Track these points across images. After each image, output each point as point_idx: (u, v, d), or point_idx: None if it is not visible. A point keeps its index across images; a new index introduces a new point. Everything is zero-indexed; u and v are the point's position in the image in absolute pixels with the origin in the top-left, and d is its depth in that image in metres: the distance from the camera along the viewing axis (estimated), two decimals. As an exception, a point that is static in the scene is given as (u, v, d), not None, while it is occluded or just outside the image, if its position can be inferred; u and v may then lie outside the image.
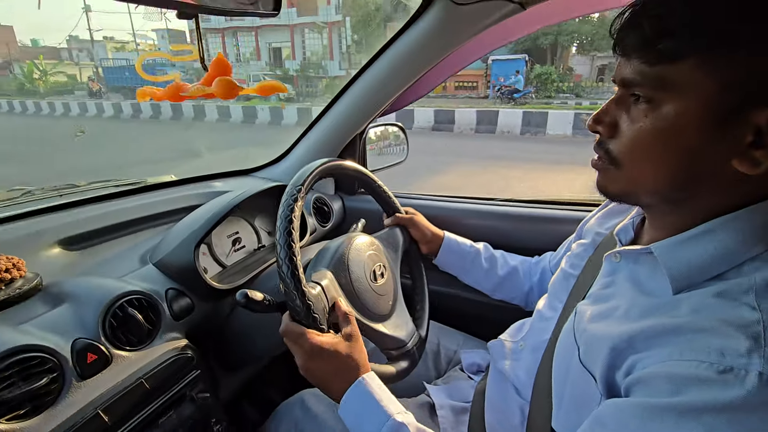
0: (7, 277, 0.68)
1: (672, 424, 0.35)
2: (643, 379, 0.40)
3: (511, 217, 1.09)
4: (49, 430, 0.52)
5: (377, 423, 0.54)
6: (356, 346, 0.62)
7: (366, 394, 0.57)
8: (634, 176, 0.47)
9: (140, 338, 0.66)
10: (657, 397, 0.37)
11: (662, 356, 0.39)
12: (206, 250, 0.88)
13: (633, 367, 0.42)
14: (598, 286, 0.57)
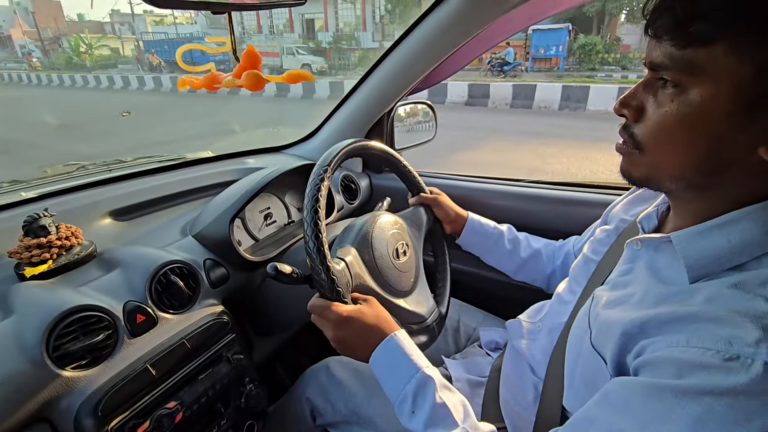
0: (67, 244, 0.76)
1: (671, 403, 0.37)
2: (650, 361, 0.41)
3: (538, 199, 1.08)
4: (106, 379, 0.59)
5: (407, 375, 0.57)
6: (380, 311, 0.65)
7: (397, 348, 0.60)
8: (657, 161, 0.47)
9: (182, 303, 0.73)
10: (660, 378, 0.39)
11: (670, 342, 0.40)
12: (240, 224, 0.94)
13: (643, 350, 0.43)
14: (617, 272, 0.57)
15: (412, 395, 0.55)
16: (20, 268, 0.71)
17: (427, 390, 0.55)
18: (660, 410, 0.38)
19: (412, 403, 0.55)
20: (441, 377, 0.58)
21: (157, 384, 0.64)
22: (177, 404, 0.64)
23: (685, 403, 0.36)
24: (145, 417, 0.61)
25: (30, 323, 0.58)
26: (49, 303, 0.61)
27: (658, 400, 0.38)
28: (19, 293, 0.64)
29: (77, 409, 0.57)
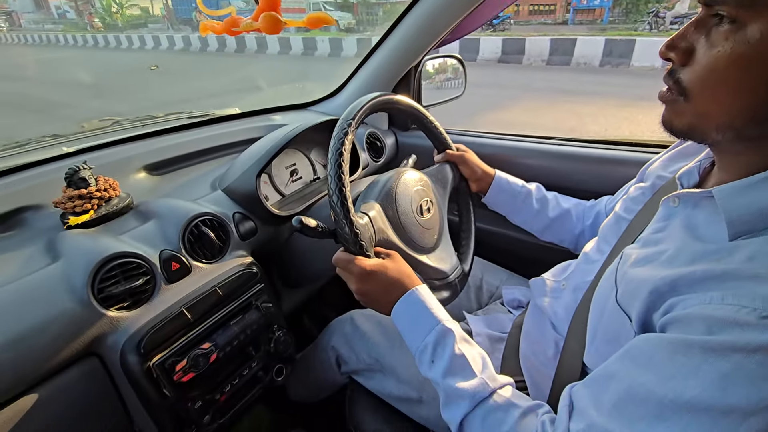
0: (106, 196, 0.80)
1: (698, 359, 0.36)
2: (678, 318, 0.40)
3: (570, 157, 1.03)
4: (146, 320, 0.64)
5: (428, 327, 0.58)
6: (403, 266, 0.66)
7: (418, 302, 0.61)
8: (704, 109, 0.43)
9: (213, 253, 0.77)
10: (689, 334, 0.38)
11: (703, 299, 0.39)
12: (267, 180, 0.96)
13: (672, 308, 0.42)
14: (650, 230, 0.55)
15: (432, 346, 0.57)
16: (65, 217, 0.76)
17: (447, 341, 0.56)
18: (685, 365, 0.37)
19: (432, 354, 0.56)
20: (461, 330, 0.59)
21: (192, 327, 0.68)
22: (211, 345, 0.69)
23: (713, 360, 0.35)
24: (182, 356, 0.65)
25: (76, 267, 0.62)
26: (92, 249, 0.65)
27: (684, 356, 0.37)
28: (65, 240, 0.69)
29: (122, 345, 0.62)
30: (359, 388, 0.87)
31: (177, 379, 0.64)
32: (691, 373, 0.36)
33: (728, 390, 0.34)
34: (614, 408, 0.41)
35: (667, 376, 0.38)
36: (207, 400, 0.70)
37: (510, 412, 0.49)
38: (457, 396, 0.52)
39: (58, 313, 0.58)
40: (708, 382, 0.35)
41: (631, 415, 0.39)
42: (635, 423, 0.38)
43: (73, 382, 0.60)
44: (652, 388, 0.38)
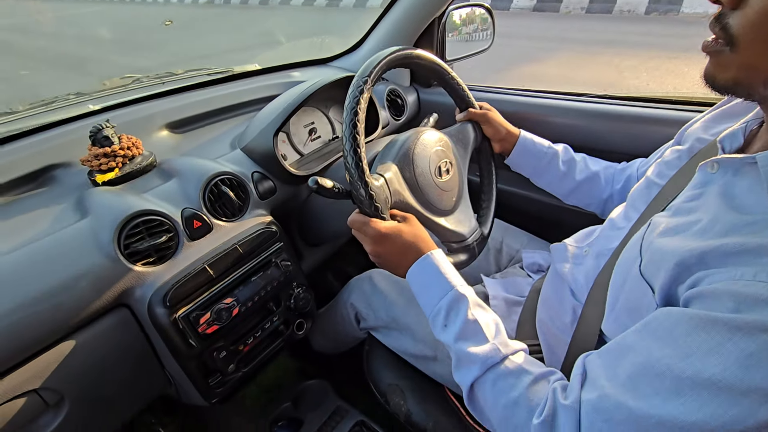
0: (130, 154, 0.81)
1: (722, 337, 0.35)
2: (704, 293, 0.38)
3: (602, 115, 0.97)
4: (171, 275, 0.67)
5: (442, 291, 0.58)
6: (418, 229, 0.65)
7: (432, 266, 0.61)
8: (752, 60, 0.39)
9: (233, 212, 0.78)
10: (713, 310, 0.36)
11: (734, 275, 0.37)
12: (285, 138, 0.95)
13: (698, 281, 0.40)
14: (683, 198, 0.52)
15: (445, 310, 0.57)
16: (92, 175, 0.78)
17: (460, 307, 0.56)
18: (707, 342, 0.35)
19: (445, 318, 0.57)
20: (475, 296, 0.59)
21: (214, 282, 0.71)
22: (233, 300, 0.72)
23: (738, 339, 0.34)
24: (206, 309, 0.68)
25: (103, 224, 0.65)
26: (118, 206, 0.67)
27: (707, 333, 0.36)
28: (92, 197, 0.72)
29: (149, 298, 0.65)
30: (376, 343, 0.90)
31: (202, 331, 0.68)
32: (713, 350, 0.35)
33: (751, 370, 0.33)
34: (629, 380, 0.40)
35: (687, 352, 0.36)
36: (231, 350, 0.74)
37: (521, 377, 0.49)
38: (469, 360, 0.52)
39: (88, 267, 0.61)
40: (731, 361, 0.34)
41: (646, 388, 0.38)
42: (650, 397, 0.38)
43: (107, 330, 0.65)
44: (670, 363, 0.37)
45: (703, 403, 0.34)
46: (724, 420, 0.34)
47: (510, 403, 0.48)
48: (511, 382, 0.49)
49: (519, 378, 0.50)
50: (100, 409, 0.68)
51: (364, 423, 0.94)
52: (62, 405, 0.62)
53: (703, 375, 0.35)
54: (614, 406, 0.40)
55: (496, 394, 0.50)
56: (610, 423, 0.40)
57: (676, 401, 0.36)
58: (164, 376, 0.74)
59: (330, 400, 1.02)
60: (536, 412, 0.46)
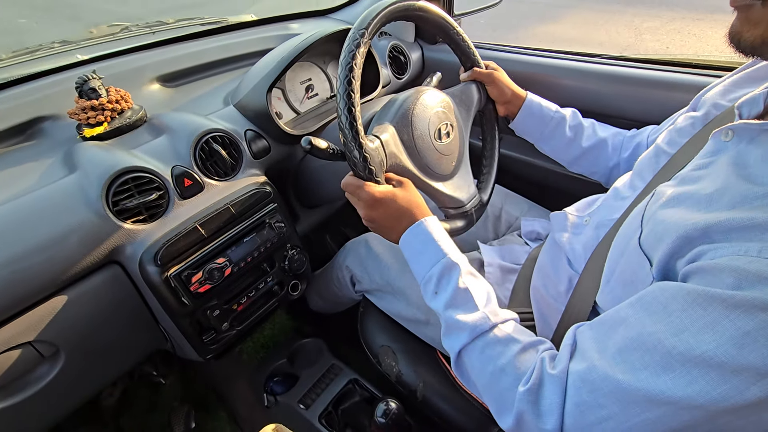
0: (118, 108, 0.79)
1: (718, 314, 0.34)
2: (704, 268, 0.37)
3: (615, 78, 0.92)
4: (161, 234, 0.66)
5: (434, 259, 0.57)
6: (413, 195, 0.64)
7: (425, 233, 0.60)
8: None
9: (225, 171, 0.76)
10: (712, 286, 0.35)
11: (737, 250, 0.35)
12: (281, 95, 0.91)
13: (699, 256, 0.38)
14: (691, 167, 0.49)
15: (437, 278, 0.56)
16: (80, 129, 0.76)
17: (452, 275, 0.55)
18: (702, 318, 0.34)
19: (436, 285, 0.56)
20: (468, 265, 0.58)
21: (206, 242, 0.70)
22: (225, 260, 0.71)
23: (735, 316, 0.33)
24: (197, 269, 0.68)
25: (91, 180, 0.64)
26: (106, 162, 0.66)
27: (703, 309, 0.35)
28: (80, 152, 0.70)
29: (140, 256, 0.65)
30: (371, 306, 0.90)
31: (194, 290, 0.68)
32: (707, 327, 0.34)
33: (746, 348, 0.32)
34: (618, 353, 0.39)
35: (681, 327, 0.36)
36: (225, 309, 0.75)
37: (509, 346, 0.49)
38: (458, 327, 0.52)
39: (77, 223, 0.60)
40: (725, 339, 0.33)
41: (635, 362, 0.38)
42: (638, 371, 0.37)
43: (100, 286, 0.65)
44: (662, 338, 0.36)
45: (692, 379, 0.34)
46: (711, 396, 0.33)
47: (497, 370, 0.48)
48: (498, 350, 0.49)
49: (507, 346, 0.49)
50: (97, 362, 0.69)
51: (357, 381, 0.97)
52: (58, 357, 0.63)
53: (695, 351, 0.34)
54: (601, 378, 0.39)
55: (484, 362, 0.50)
56: (595, 394, 0.40)
57: (665, 376, 0.35)
58: (160, 332, 0.76)
59: (325, 359, 1.05)
60: (522, 379, 0.46)
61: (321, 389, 0.96)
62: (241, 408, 1.11)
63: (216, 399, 1.16)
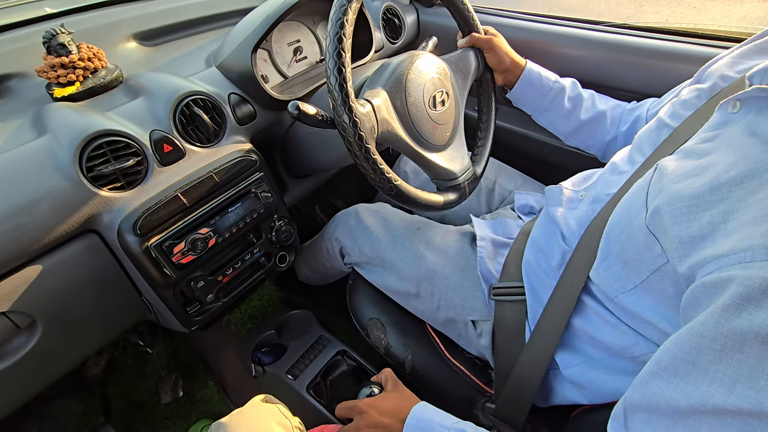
0: (91, 66, 0.73)
1: (759, 353, 0.29)
2: (712, 282, 0.33)
3: (617, 47, 0.88)
4: (141, 202, 0.63)
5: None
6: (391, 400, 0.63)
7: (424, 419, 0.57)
8: None
9: (208, 137, 0.72)
10: (727, 303, 0.31)
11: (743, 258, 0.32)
12: (267, 57, 0.86)
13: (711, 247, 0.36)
14: (695, 140, 0.47)
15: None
16: (50, 88, 0.71)
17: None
18: (745, 364, 0.30)
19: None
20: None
21: (189, 211, 0.67)
22: (209, 231, 0.69)
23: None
24: (180, 239, 0.65)
25: (62, 143, 0.59)
26: (78, 125, 0.61)
27: (740, 353, 0.30)
28: (50, 113, 0.65)
29: (119, 225, 0.61)
30: (360, 278, 0.89)
31: (176, 260, 0.65)
32: (758, 370, 0.29)
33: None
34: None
35: (730, 381, 0.30)
36: (209, 280, 0.72)
37: None
38: None
39: (47, 189, 0.57)
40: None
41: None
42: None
43: (76, 256, 0.62)
44: (718, 403, 0.31)
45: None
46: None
47: None
48: None
49: None
50: (77, 333, 0.67)
51: (346, 353, 0.97)
52: (35, 328, 0.61)
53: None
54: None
55: None
56: None
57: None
58: (142, 303, 0.74)
59: (313, 330, 1.04)
60: None
61: (309, 360, 0.96)
62: (229, 377, 1.12)
63: (204, 368, 1.16)
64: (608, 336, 0.55)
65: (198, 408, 1.09)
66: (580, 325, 0.58)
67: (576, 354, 0.60)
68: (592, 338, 0.57)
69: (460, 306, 0.74)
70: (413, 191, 0.66)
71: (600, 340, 0.56)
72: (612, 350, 0.56)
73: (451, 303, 0.75)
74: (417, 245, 0.80)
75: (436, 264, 0.78)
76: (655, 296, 0.45)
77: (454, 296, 0.75)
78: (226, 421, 0.51)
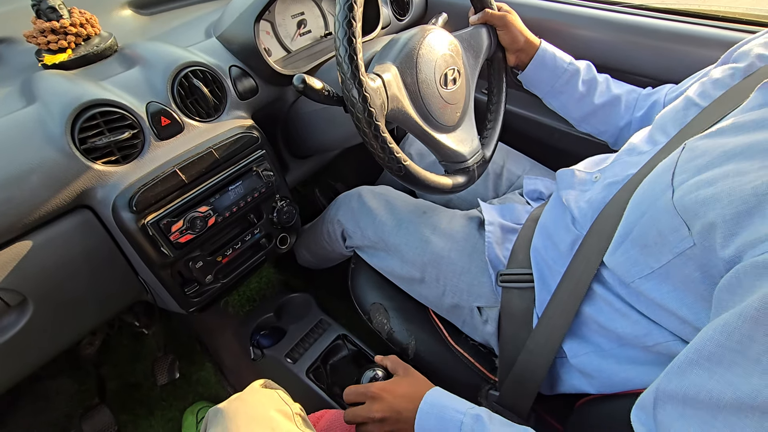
0: (83, 33, 0.69)
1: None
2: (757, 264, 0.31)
3: (635, 30, 0.84)
4: (137, 177, 0.60)
5: None
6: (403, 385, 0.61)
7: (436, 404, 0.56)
8: None
9: (208, 111, 0.69)
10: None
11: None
12: (269, 29, 0.82)
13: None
14: (733, 119, 0.44)
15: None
16: (40, 55, 0.67)
17: None
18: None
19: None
20: (487, 416, 0.53)
21: (187, 189, 0.64)
22: (209, 209, 0.66)
23: None
24: (178, 217, 0.63)
25: (52, 113, 0.56)
26: (70, 93, 0.58)
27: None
28: (40, 81, 0.61)
29: (114, 201, 0.59)
30: (362, 262, 0.87)
31: (174, 239, 0.63)
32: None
33: None
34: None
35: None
36: (208, 261, 0.70)
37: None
38: None
39: (38, 161, 0.54)
40: None
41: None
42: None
43: (69, 232, 0.59)
44: None
45: None
46: None
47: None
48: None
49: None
50: (70, 312, 0.65)
51: (346, 337, 0.96)
52: (26, 306, 0.58)
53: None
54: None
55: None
56: None
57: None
58: (139, 283, 0.71)
59: (313, 313, 1.02)
60: None
61: (309, 344, 0.95)
62: (227, 359, 1.10)
63: (201, 350, 1.14)
64: (619, 325, 0.53)
65: (195, 390, 1.08)
66: (590, 313, 0.57)
67: (585, 343, 0.59)
68: (602, 327, 0.55)
69: (466, 292, 0.72)
70: (422, 173, 0.63)
71: (610, 329, 0.54)
72: (623, 339, 0.54)
73: (457, 289, 0.73)
74: (423, 229, 0.78)
75: (442, 249, 0.75)
76: (675, 282, 0.43)
77: (460, 282, 0.73)
78: (223, 407, 0.49)
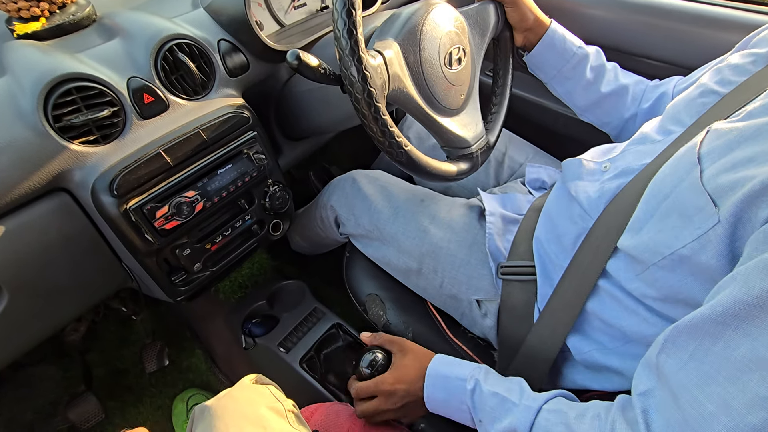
0: (59, 1, 0.64)
1: None
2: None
3: (649, 10, 0.80)
4: (118, 159, 0.56)
5: (459, 406, 0.54)
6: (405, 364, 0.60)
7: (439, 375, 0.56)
8: None
9: (194, 88, 0.64)
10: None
11: None
12: (262, 2, 0.77)
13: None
14: (761, 102, 0.41)
15: (471, 410, 0.52)
16: (11, 23, 0.62)
17: (480, 400, 0.52)
18: None
19: (474, 416, 0.52)
20: (483, 375, 0.54)
21: (172, 172, 0.60)
22: (196, 194, 0.62)
23: None
24: (163, 202, 0.59)
25: (24, 86, 0.51)
26: (42, 66, 0.53)
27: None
28: (10, 52, 0.57)
29: (93, 184, 0.55)
30: (357, 250, 0.84)
31: (159, 225, 0.59)
32: None
33: None
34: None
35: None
36: (197, 248, 0.67)
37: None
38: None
39: (8, 140, 0.49)
40: None
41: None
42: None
43: (45, 217, 0.55)
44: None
45: None
46: None
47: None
48: None
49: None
50: (49, 301, 0.61)
51: (341, 326, 0.93)
52: (0, 295, 0.55)
53: None
54: None
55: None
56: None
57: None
58: (123, 270, 0.68)
59: (307, 302, 1.00)
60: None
61: (302, 333, 0.92)
62: (218, 347, 1.08)
63: (191, 336, 1.11)
64: (626, 322, 0.51)
65: (185, 377, 1.05)
66: (594, 309, 0.54)
67: (587, 340, 0.57)
68: (607, 324, 0.53)
69: (465, 284, 0.70)
70: (424, 159, 0.60)
71: (615, 326, 0.52)
72: (628, 337, 0.52)
73: (456, 281, 0.70)
74: (421, 218, 0.75)
75: (441, 239, 0.73)
76: (691, 267, 0.41)
77: (459, 274, 0.70)
78: (212, 404, 0.47)
